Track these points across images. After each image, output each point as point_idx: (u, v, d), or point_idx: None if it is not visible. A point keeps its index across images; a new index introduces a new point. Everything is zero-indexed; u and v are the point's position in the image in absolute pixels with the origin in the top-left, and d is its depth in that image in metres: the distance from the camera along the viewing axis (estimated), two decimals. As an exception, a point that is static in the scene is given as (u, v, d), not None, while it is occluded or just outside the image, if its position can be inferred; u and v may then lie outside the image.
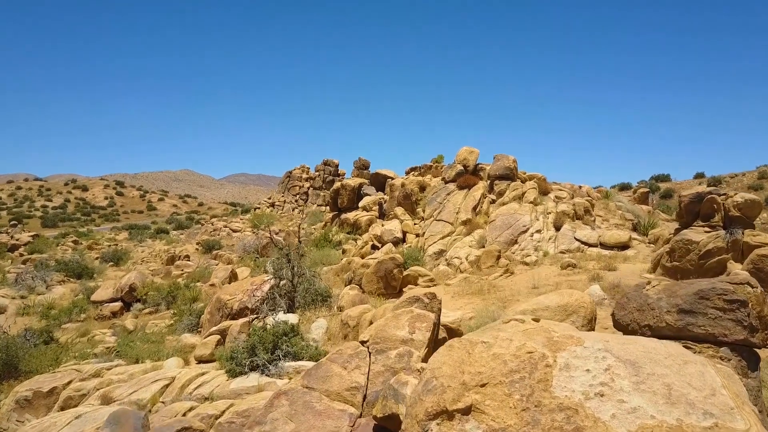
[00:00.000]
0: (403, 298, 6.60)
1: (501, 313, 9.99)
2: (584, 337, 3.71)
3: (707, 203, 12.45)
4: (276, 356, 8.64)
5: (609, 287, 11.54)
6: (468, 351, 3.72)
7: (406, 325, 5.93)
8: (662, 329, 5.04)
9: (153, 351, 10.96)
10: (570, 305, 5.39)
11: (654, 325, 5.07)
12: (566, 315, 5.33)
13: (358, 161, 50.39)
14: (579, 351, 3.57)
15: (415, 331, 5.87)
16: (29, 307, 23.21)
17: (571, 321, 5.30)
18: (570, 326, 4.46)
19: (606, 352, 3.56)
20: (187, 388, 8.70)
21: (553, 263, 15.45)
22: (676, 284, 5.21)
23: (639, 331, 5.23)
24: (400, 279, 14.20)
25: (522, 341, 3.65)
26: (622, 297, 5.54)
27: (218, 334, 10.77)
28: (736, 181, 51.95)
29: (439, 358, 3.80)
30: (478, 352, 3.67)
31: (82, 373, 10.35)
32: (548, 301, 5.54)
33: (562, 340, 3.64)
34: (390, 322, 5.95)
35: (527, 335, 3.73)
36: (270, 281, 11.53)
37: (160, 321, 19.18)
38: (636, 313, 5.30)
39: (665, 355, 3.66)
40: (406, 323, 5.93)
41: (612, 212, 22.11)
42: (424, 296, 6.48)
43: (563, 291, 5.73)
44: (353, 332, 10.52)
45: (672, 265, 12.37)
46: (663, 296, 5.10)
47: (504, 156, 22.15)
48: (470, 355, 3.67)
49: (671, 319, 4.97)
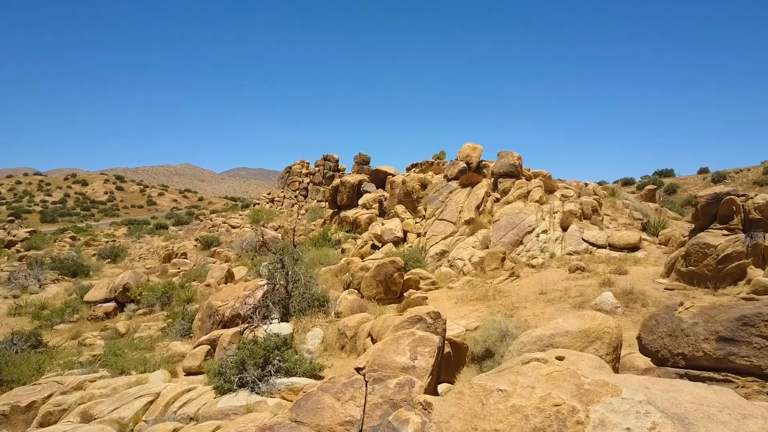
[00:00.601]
0: (404, 318, 5.99)
1: (508, 323, 9.37)
2: (621, 384, 3.09)
3: (725, 205, 11.79)
4: (267, 372, 8.03)
5: (622, 294, 10.91)
6: (481, 401, 3.10)
7: (407, 349, 5.31)
8: (699, 359, 4.42)
9: (139, 361, 10.36)
10: (593, 330, 4.76)
11: (689, 354, 4.44)
12: (589, 342, 4.71)
13: (359, 156, 49.73)
14: (616, 403, 2.95)
15: (417, 356, 5.25)
16: (21, 307, 22.62)
17: (594, 349, 4.68)
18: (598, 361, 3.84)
19: (649, 404, 2.93)
20: (172, 405, 8.10)
21: (560, 266, 14.81)
22: (714, 307, 4.57)
23: (671, 359, 4.62)
24: (401, 283, 13.58)
25: (546, 390, 3.04)
26: (650, 319, 4.92)
27: (208, 344, 10.17)
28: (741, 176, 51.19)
29: (447, 408, 3.17)
30: (494, 403, 3.05)
31: (63, 386, 9.77)
32: (568, 324, 4.90)
33: (595, 389, 3.02)
34: (389, 346, 5.32)
35: (552, 381, 3.11)
36: (263, 287, 10.92)
37: (154, 323, 18.61)
38: (667, 339, 4.67)
39: (719, 406, 3.03)
40: (407, 347, 5.30)
41: (619, 211, 21.44)
42: (428, 315, 5.86)
43: (584, 313, 5.09)
44: (351, 343, 9.93)
45: (687, 269, 11.74)
46: (699, 321, 4.46)
47: (508, 152, 21.46)
48: (484, 407, 3.06)
49: (710, 347, 4.35)
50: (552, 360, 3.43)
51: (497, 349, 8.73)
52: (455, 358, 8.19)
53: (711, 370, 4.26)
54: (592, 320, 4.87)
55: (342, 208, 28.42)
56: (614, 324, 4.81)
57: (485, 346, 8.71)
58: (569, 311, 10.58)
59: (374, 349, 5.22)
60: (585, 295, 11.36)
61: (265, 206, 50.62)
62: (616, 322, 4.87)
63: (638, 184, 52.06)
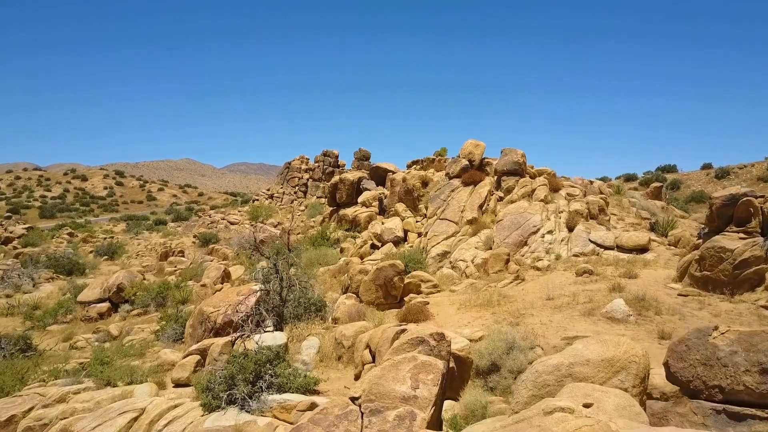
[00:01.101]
0: (404, 340, 5.46)
1: (514, 333, 8.84)
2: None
3: (742, 206, 11.22)
4: (258, 388, 7.52)
5: (633, 300, 10.37)
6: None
7: (408, 377, 4.76)
8: (739, 393, 3.89)
9: (126, 372, 9.85)
10: (617, 360, 4.22)
11: (728, 387, 3.91)
12: (612, 372, 4.18)
13: (359, 152, 49.16)
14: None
15: (419, 385, 4.71)
16: (14, 307, 22.13)
17: (619, 380, 4.16)
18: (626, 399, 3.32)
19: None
20: (157, 424, 7.61)
21: (567, 268, 14.27)
22: (755, 334, 4.03)
23: (705, 392, 4.08)
24: (401, 287, 13.04)
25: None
26: (680, 343, 4.37)
27: (198, 354, 9.66)
28: (744, 171, 50.53)
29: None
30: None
31: (45, 398, 9.27)
32: (588, 351, 4.35)
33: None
34: (388, 373, 4.78)
35: (583, 441, 2.60)
36: (257, 293, 10.39)
37: (148, 325, 18.13)
38: (701, 368, 4.13)
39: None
40: (407, 374, 4.76)
41: (626, 210, 20.88)
42: (431, 337, 5.32)
43: (607, 339, 4.54)
44: (348, 353, 9.42)
45: (702, 274, 11.20)
46: (738, 349, 3.93)
47: (512, 150, 20.87)
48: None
49: (752, 381, 3.81)
50: (579, 409, 2.90)
51: (504, 363, 8.21)
52: (459, 374, 7.67)
53: (753, 407, 3.75)
54: (616, 347, 4.33)
55: (341, 206, 27.87)
56: (641, 351, 4.27)
57: (491, 359, 8.20)
58: (579, 319, 10.06)
59: (371, 375, 4.68)
60: (594, 301, 10.83)
61: (264, 202, 50.10)
62: (642, 348, 4.32)
63: (641, 179, 51.44)
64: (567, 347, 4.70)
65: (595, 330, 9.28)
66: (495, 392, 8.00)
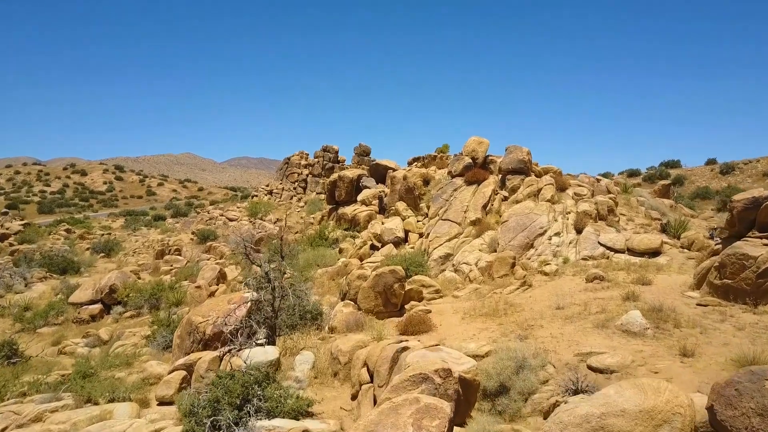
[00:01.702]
0: (404, 377, 4.80)
1: (524, 350, 8.18)
2: None
3: (765, 210, 10.52)
4: (245, 413, 6.88)
5: (650, 311, 9.69)
6: None
7: (410, 423, 4.10)
8: (806, 454, 3.30)
9: (108, 387, 9.22)
10: (658, 410, 3.55)
11: (792, 446, 3.32)
12: (653, 426, 3.51)
13: (359, 148, 48.42)
14: None
15: (422, 434, 4.02)
16: (4, 308, 21.56)
17: (661, 436, 3.50)
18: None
19: None
20: (135, 452, 6.99)
21: (576, 273, 13.59)
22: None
23: (762, 449, 3.49)
24: (402, 295, 12.37)
25: None
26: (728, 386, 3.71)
27: (184, 370, 9.03)
28: (750, 167, 49.68)
29: None
30: None
31: (20, 417, 8.66)
32: (623, 399, 3.67)
33: None
34: (386, 419, 4.12)
35: None
36: (248, 304, 9.74)
37: (139, 328, 17.55)
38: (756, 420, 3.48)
39: None
40: (409, 421, 4.09)
41: (635, 210, 20.17)
42: (435, 374, 4.66)
43: (644, 383, 3.87)
44: (344, 370, 8.77)
45: (722, 282, 10.51)
46: (804, 400, 3.31)
47: (517, 147, 20.14)
48: None
49: (823, 441, 3.21)
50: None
51: (513, 384, 7.56)
52: (465, 397, 7.00)
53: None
54: (656, 395, 3.66)
55: (340, 204, 27.18)
56: (686, 401, 3.59)
57: (499, 380, 7.55)
58: (592, 332, 9.39)
59: (367, 422, 4.02)
60: (608, 311, 10.16)
61: (263, 198, 49.37)
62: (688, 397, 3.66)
63: (644, 175, 50.67)
64: (597, 393, 4.03)
65: (611, 345, 8.62)
66: (503, 416, 7.36)
